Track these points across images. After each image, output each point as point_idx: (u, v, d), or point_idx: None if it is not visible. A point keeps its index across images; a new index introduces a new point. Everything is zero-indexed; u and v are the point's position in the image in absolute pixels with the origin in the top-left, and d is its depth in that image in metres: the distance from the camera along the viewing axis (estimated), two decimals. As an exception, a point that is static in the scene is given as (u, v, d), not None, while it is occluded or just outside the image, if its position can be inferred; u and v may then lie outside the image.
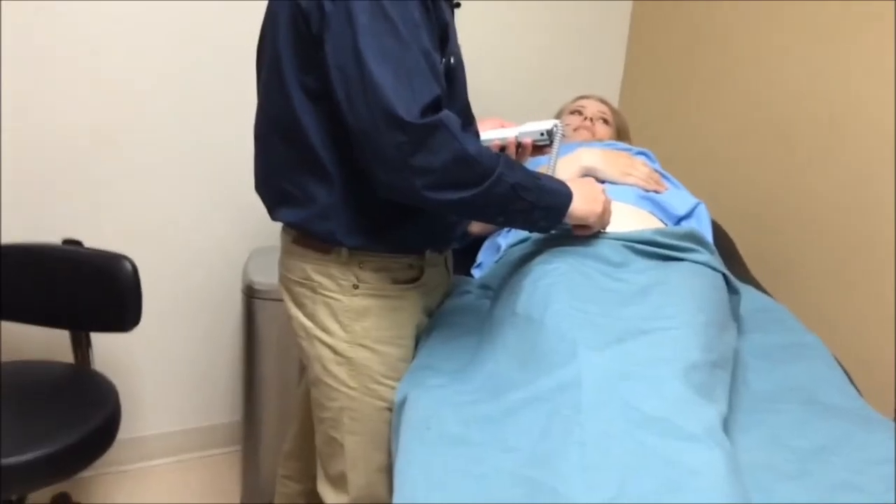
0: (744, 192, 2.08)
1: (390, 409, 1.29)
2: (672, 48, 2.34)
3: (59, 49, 1.83)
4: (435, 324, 1.39)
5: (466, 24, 1.30)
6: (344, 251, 1.25)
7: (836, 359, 1.36)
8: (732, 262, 1.68)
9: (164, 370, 2.22)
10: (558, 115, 2.05)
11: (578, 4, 2.41)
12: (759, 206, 2.03)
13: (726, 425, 1.01)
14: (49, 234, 1.91)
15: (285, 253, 1.35)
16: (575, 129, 1.92)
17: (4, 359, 1.94)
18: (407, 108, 1.04)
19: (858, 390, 1.30)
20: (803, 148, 1.90)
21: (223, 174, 2.10)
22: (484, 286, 1.48)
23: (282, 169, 1.26)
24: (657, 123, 2.40)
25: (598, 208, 1.30)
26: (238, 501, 2.14)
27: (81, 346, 1.85)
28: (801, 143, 1.90)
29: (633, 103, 2.49)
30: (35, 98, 1.85)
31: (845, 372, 1.34)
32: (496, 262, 1.52)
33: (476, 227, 1.65)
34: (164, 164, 2.03)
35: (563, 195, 1.24)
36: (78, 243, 1.83)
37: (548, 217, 1.24)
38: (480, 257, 1.69)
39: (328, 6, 1.08)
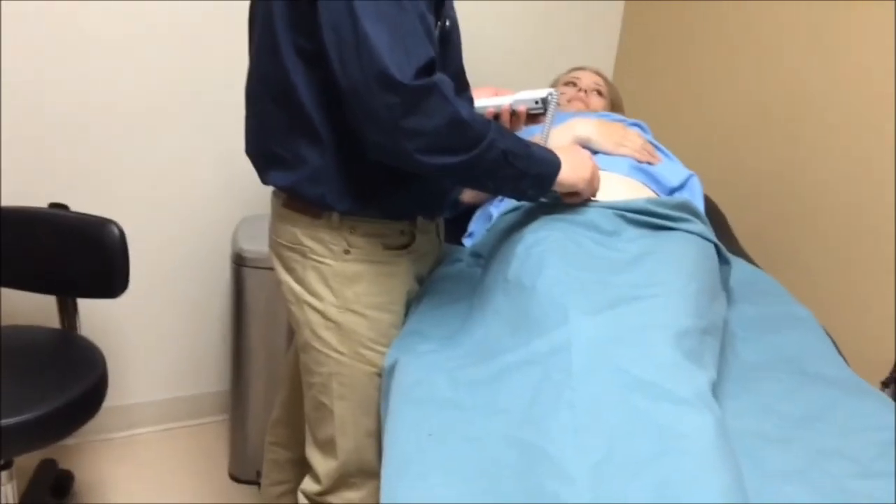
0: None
1: (380, 375, 1.29)
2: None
3: (50, 14, 1.80)
4: (426, 291, 1.38)
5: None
6: (335, 216, 1.24)
7: (825, 330, 1.37)
8: (723, 235, 1.68)
9: (151, 337, 2.21)
10: (553, 86, 2.03)
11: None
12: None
13: (715, 392, 1.02)
14: (35, 197, 1.88)
15: (275, 217, 1.33)
16: (569, 101, 1.91)
17: (-11, 324, 1.92)
18: (401, 69, 1.03)
19: (847, 363, 1.30)
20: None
21: (213, 141, 2.07)
22: (475, 254, 1.48)
23: (273, 131, 1.24)
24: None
25: (587, 174, 1.29)
26: (226, 470, 2.14)
27: (68, 312, 1.83)
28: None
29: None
30: (27, 63, 1.81)
31: (834, 344, 1.34)
32: (487, 230, 1.52)
33: (468, 196, 1.64)
34: (154, 129, 2.00)
35: (552, 164, 1.23)
36: (64, 207, 1.80)
37: (536, 185, 1.23)
38: (472, 227, 1.68)
39: None
